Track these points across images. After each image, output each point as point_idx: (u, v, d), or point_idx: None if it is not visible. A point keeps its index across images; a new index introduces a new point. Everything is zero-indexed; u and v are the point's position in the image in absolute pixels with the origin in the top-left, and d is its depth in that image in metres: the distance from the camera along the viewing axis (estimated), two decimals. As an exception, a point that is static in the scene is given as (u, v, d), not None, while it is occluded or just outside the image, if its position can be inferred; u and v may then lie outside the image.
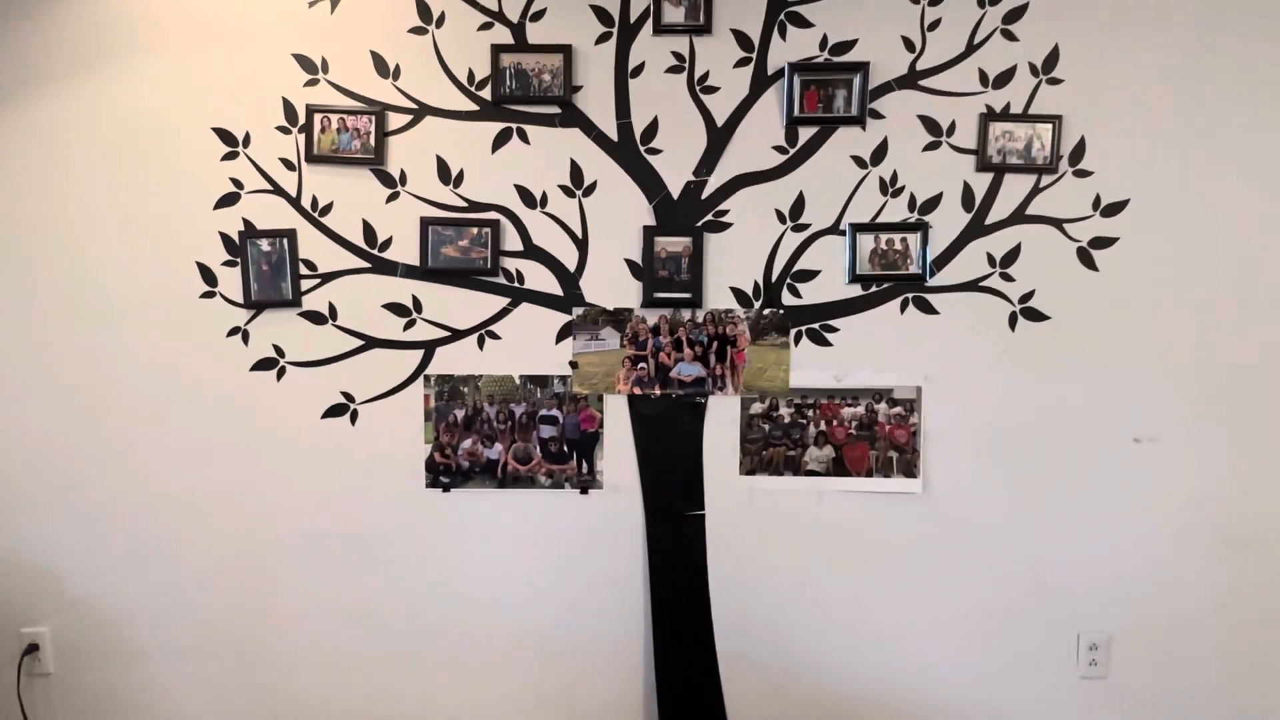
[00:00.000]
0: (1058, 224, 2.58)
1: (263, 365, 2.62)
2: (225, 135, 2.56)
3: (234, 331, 2.61)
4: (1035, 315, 2.60)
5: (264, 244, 2.58)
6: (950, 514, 2.65)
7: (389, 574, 2.68)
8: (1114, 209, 2.57)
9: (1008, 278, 2.59)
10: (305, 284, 2.60)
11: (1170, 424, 2.62)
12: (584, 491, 2.66)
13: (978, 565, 2.67)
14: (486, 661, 2.70)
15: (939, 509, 2.65)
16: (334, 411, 2.63)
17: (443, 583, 2.68)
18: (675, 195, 2.59)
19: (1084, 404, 2.62)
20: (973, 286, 2.60)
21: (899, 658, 2.70)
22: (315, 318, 2.61)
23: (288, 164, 2.57)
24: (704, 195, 2.59)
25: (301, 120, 2.55)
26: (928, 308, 2.61)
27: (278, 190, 2.57)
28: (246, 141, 2.56)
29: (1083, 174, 2.56)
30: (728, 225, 2.59)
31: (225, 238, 2.58)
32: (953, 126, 2.56)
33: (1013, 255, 2.59)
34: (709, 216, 2.59)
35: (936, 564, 2.67)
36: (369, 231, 2.59)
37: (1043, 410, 2.62)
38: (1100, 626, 2.68)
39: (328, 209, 2.58)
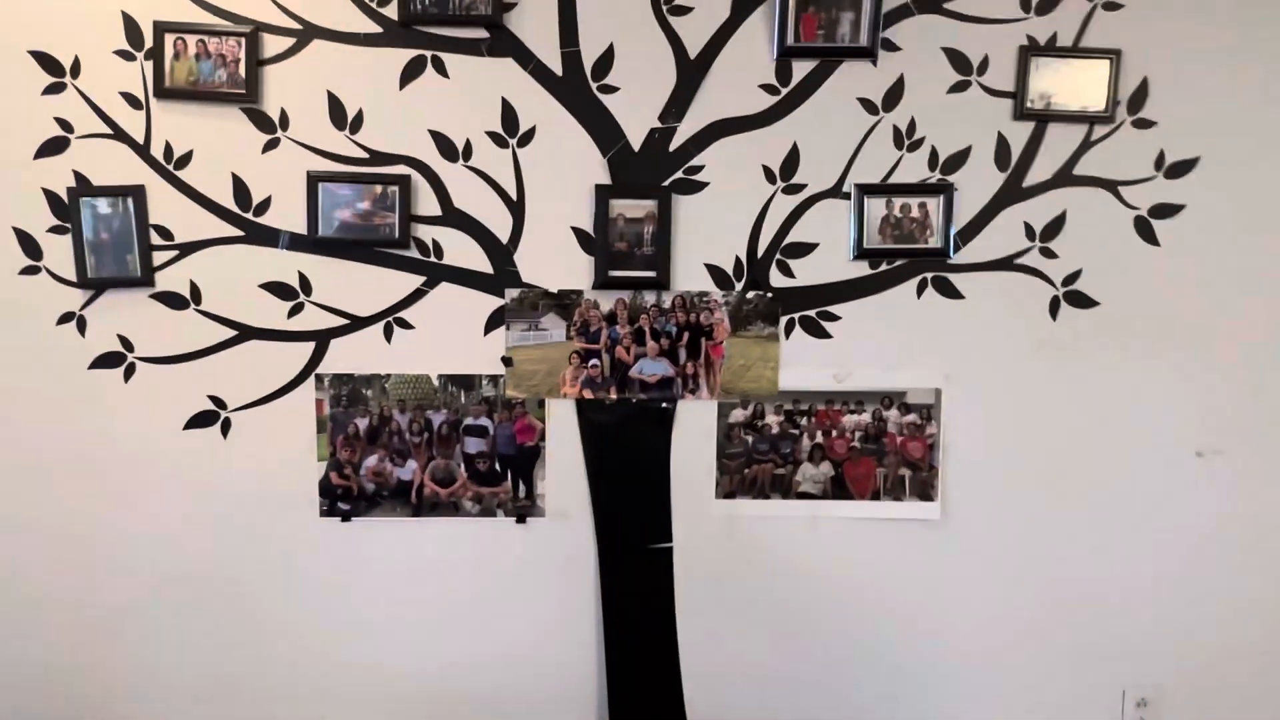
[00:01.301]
0: (1112, 187, 2.08)
1: (105, 361, 2.03)
2: (47, 61, 1.96)
3: (66, 318, 2.02)
4: (1082, 300, 2.11)
5: (102, 204, 1.99)
6: (974, 545, 2.17)
7: (273, 627, 2.12)
8: (1180, 169, 2.07)
9: (1049, 253, 2.09)
10: (159, 257, 2.02)
11: (1241, 434, 2.15)
12: (521, 520, 2.12)
13: (1006, 607, 2.19)
14: (399, 732, 2.16)
15: (961, 539, 2.16)
16: (200, 420, 2.06)
17: (343, 637, 2.13)
18: (636, 146, 2.04)
19: (1138, 410, 2.14)
20: (1006, 264, 2.09)
21: (910, 718, 2.20)
22: (173, 300, 2.03)
23: (131, 100, 1.98)
24: (672, 146, 2.05)
25: (149, 43, 1.96)
26: (950, 290, 2.10)
27: (119, 134, 1.98)
28: (76, 70, 1.96)
29: (1144, 124, 2.06)
30: (702, 185, 2.06)
31: (51, 196, 1.99)
32: (985, 63, 2.05)
33: (1056, 226, 2.08)
34: (679, 174, 2.05)
35: (957, 606, 2.18)
36: (241, 189, 2.01)
37: (1088, 418, 2.14)
38: (1150, 679, 2.22)
39: (186, 160, 2.00)
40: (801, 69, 2.04)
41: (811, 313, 2.10)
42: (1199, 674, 2.21)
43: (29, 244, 2.00)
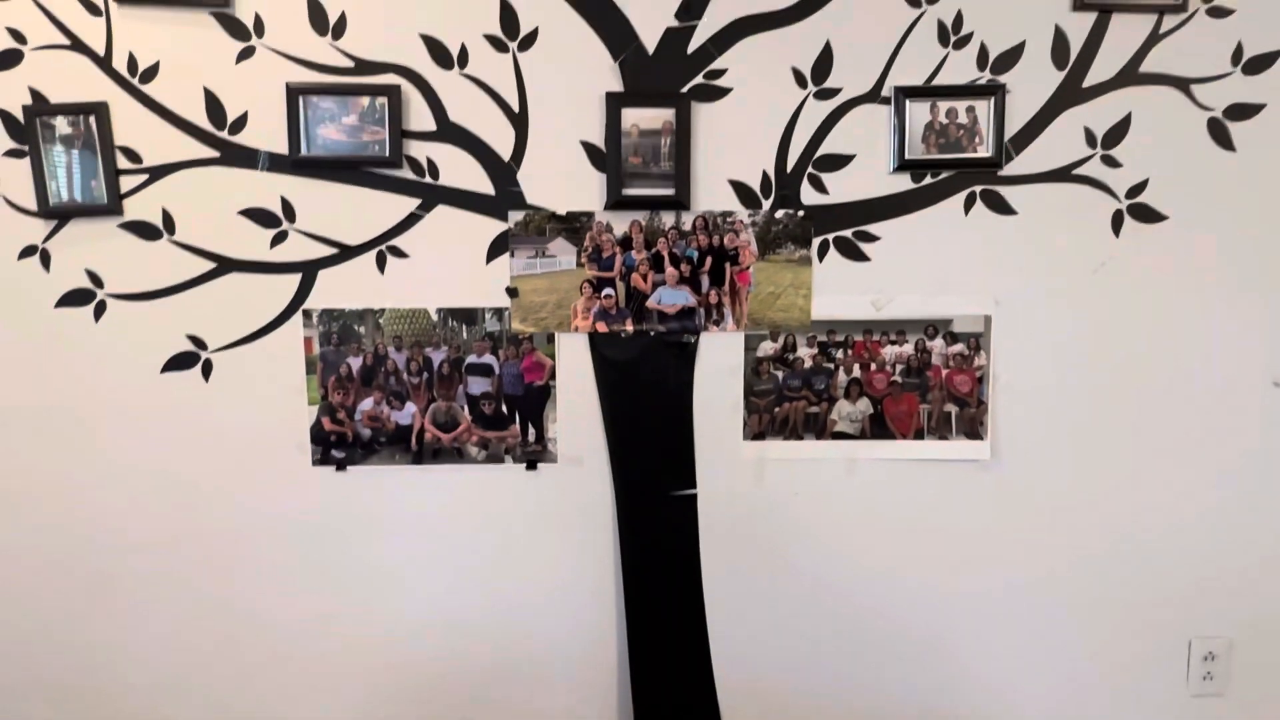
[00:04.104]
0: (1183, 85, 1.86)
1: (73, 299, 1.86)
2: (-6, -37, 1.76)
3: (28, 252, 1.84)
4: (1148, 214, 1.90)
5: (63, 124, 1.81)
6: (1027, 487, 1.98)
7: (263, 586, 1.96)
8: (1261, 64, 1.86)
9: (1112, 162, 1.88)
10: (127, 182, 1.83)
11: (1325, 361, 1.94)
12: (531, 466, 1.94)
13: (1062, 554, 2.01)
14: (403, 696, 2.00)
15: (1012, 481, 1.98)
16: (179, 362, 1.89)
17: (340, 593, 1.97)
18: (651, 48, 1.84)
19: (1210, 336, 1.94)
20: (1064, 175, 1.89)
21: (959, 676, 2.04)
22: (144, 230, 1.85)
23: (90, 6, 1.78)
24: (691, 48, 1.84)
25: (107, -60, 1.76)
26: (1002, 205, 1.89)
27: (77, 45, 1.79)
28: (27, -27, 1.77)
29: (1220, 13, 1.85)
30: (725, 91, 1.85)
31: (5, 116, 1.80)
32: (1041, -55, 1.82)
33: (1120, 130, 1.87)
34: (699, 79, 1.85)
35: (1008, 553, 2.00)
36: (214, 105, 1.82)
37: (1155, 346, 1.95)
38: (1219, 630, 2.04)
39: (152, 72, 1.80)
40: (835, -43, 1.82)
41: (847, 233, 1.90)
42: (1269, 626, 2.03)
43: (-17, 170, 1.82)
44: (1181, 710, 2.05)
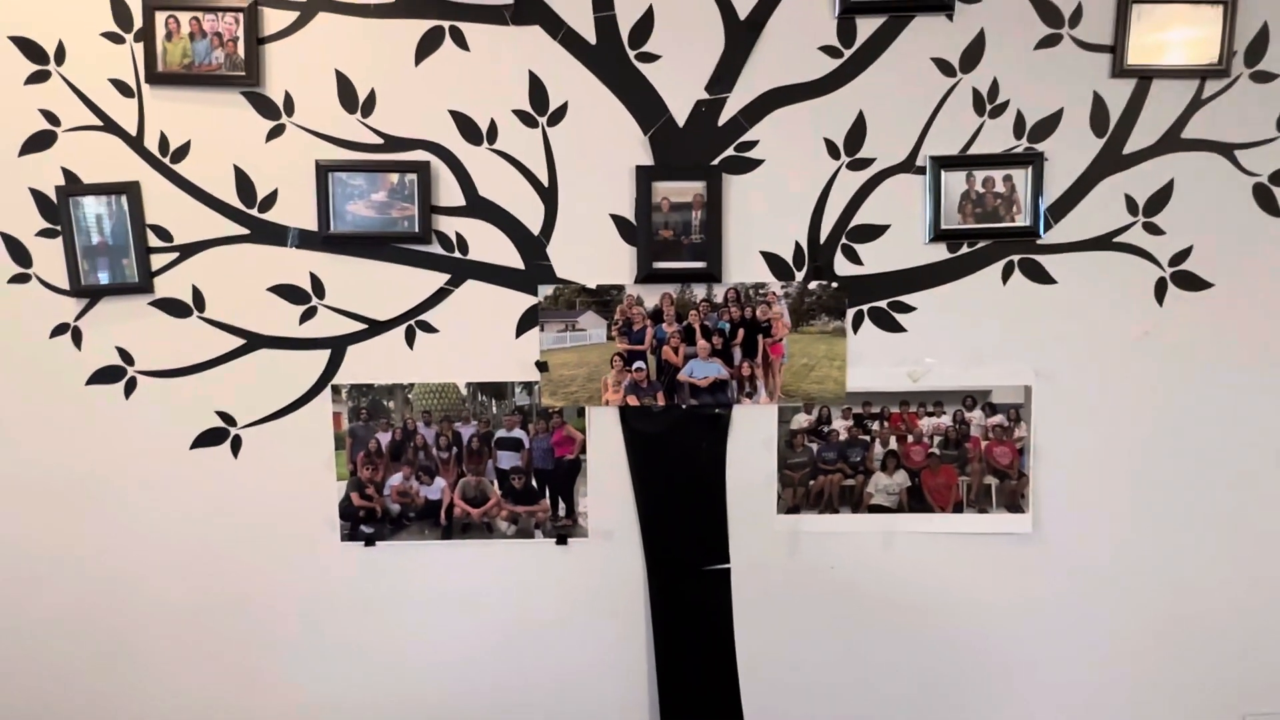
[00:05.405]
0: (1227, 151, 1.83)
1: (104, 376, 1.86)
2: (29, 48, 1.78)
3: (60, 329, 1.85)
4: (1193, 282, 1.85)
5: (94, 204, 1.81)
6: (1070, 561, 1.93)
7: (292, 662, 1.94)
8: (1307, 128, 1.81)
9: (1154, 229, 1.84)
10: (157, 260, 1.83)
11: (1379, 431, 1.88)
12: (561, 541, 1.91)
13: (1107, 630, 1.95)
14: (434, 775, 1.97)
15: (1055, 555, 1.93)
16: (208, 439, 1.88)
17: (368, 672, 1.95)
18: (681, 121, 1.82)
19: (1257, 408, 1.89)
20: (1105, 243, 1.85)
21: (999, 756, 1.98)
22: (175, 308, 1.85)
23: (122, 87, 1.79)
24: (722, 120, 1.82)
25: (139, 23, 1.77)
26: (1041, 275, 1.85)
27: (110, 126, 1.80)
28: (60, 55, 1.78)
29: (1264, 77, 1.81)
30: (757, 163, 1.83)
31: (38, 196, 1.81)
32: (1079, 12, 1.80)
33: (1162, 197, 1.83)
34: (730, 151, 1.83)
35: (1051, 629, 1.95)
36: (244, 183, 1.82)
37: (1200, 418, 1.89)
38: (1271, 706, 1.98)
39: (183, 151, 1.81)
40: (867, 27, 1.79)
41: (883, 304, 1.86)
42: (1329, 702, 1.96)
43: (17, 250, 1.82)
44: (1234, 790, 1.99)
